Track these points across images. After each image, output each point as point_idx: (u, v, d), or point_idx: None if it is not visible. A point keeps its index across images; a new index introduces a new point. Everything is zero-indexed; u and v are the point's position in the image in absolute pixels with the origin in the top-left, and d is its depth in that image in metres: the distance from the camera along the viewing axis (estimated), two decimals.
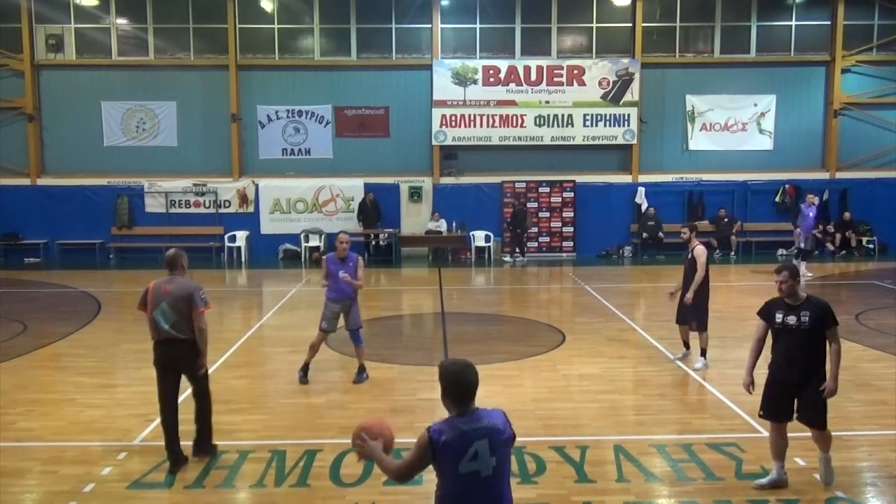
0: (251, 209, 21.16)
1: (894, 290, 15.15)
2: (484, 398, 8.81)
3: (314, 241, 20.71)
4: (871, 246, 20.87)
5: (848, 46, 21.41)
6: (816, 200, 18.82)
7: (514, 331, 12.29)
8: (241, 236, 20.84)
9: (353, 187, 21.18)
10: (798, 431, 7.31)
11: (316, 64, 21.38)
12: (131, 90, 21.27)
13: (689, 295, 9.61)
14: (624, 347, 11.01)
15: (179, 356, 6.65)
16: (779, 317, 6.08)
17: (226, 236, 20.78)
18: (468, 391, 3.84)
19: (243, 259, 20.59)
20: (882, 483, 6.21)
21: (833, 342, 5.94)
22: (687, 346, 10.13)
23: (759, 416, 6.24)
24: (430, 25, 21.23)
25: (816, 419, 5.91)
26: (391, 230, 20.86)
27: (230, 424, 7.66)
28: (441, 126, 21.22)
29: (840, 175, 21.65)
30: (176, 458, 6.54)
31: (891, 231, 20.57)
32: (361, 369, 9.34)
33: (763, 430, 7.35)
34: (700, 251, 9.68)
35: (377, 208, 20.81)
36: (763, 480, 6.09)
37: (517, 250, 20.65)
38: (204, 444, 6.82)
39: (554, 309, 14.98)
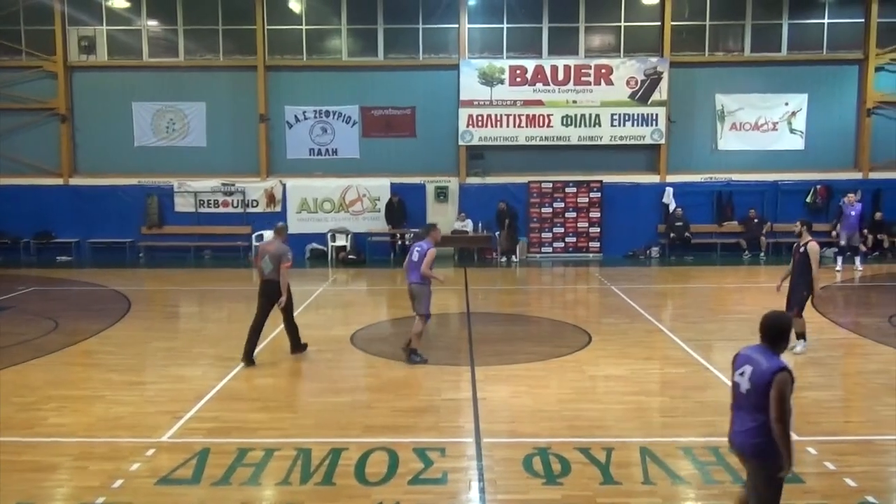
0: (278, 209, 21.32)
1: None
2: (509, 399, 8.91)
3: (341, 241, 20.81)
4: None
5: (881, 44, 21.02)
6: (857, 199, 18.52)
7: (539, 331, 12.25)
8: (269, 235, 20.95)
9: (380, 187, 21.25)
10: (827, 435, 7.22)
11: (343, 64, 21.49)
12: (161, 91, 21.54)
13: (818, 288, 10.38)
14: (651, 349, 10.93)
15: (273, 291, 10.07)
16: None
17: (253, 235, 20.95)
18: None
19: None
20: None
21: None
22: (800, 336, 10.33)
23: None
24: (456, 25, 21.23)
25: None
26: (417, 230, 20.87)
27: (256, 422, 7.73)
28: (467, 126, 21.21)
29: (873, 175, 21.27)
30: (248, 358, 9.96)
31: None
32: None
33: (793, 435, 7.25)
34: (813, 248, 10.20)
35: (403, 208, 20.86)
36: None
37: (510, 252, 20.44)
38: (296, 346, 10.44)
39: (580, 309, 14.90)
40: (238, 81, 21.50)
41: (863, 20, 21.08)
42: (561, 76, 21.09)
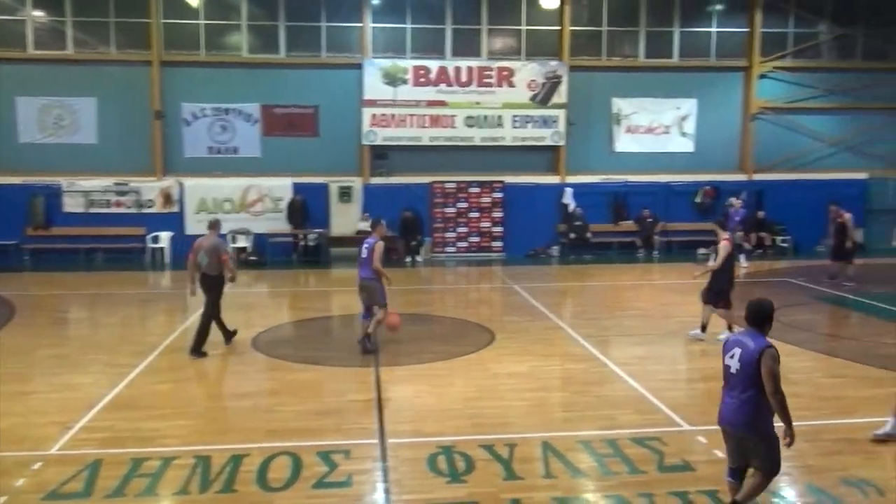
0: (175, 209, 20.62)
1: (807, 288, 15.82)
2: (413, 398, 8.94)
3: (242, 242, 20.32)
4: (785, 245, 21.75)
5: (764, 53, 22.25)
6: (741, 205, 19.48)
7: (444, 330, 12.35)
8: (165, 237, 20.28)
9: (282, 187, 20.88)
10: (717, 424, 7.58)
11: (243, 61, 20.99)
12: (48, 85, 20.42)
13: (697, 274, 11.68)
14: (551, 346, 11.20)
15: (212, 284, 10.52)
16: None
17: (148, 237, 20.20)
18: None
19: (167, 260, 20.03)
20: (795, 472, 6.49)
21: None
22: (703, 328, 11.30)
23: None
24: (360, 24, 21.10)
25: None
26: (320, 230, 20.66)
27: (152, 431, 7.47)
28: (371, 126, 21.13)
29: (756, 177, 22.50)
30: (228, 338, 10.86)
31: (803, 231, 21.43)
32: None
33: (684, 424, 7.60)
34: (724, 246, 11.08)
35: (306, 208, 20.58)
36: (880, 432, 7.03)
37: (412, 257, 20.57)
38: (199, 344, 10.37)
39: (484, 308, 15.10)
40: (132, 76, 20.64)
41: (747, 30, 22.26)
42: (464, 77, 21.31)
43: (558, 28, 21.60)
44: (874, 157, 22.86)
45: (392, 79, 21.06)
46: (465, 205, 21.42)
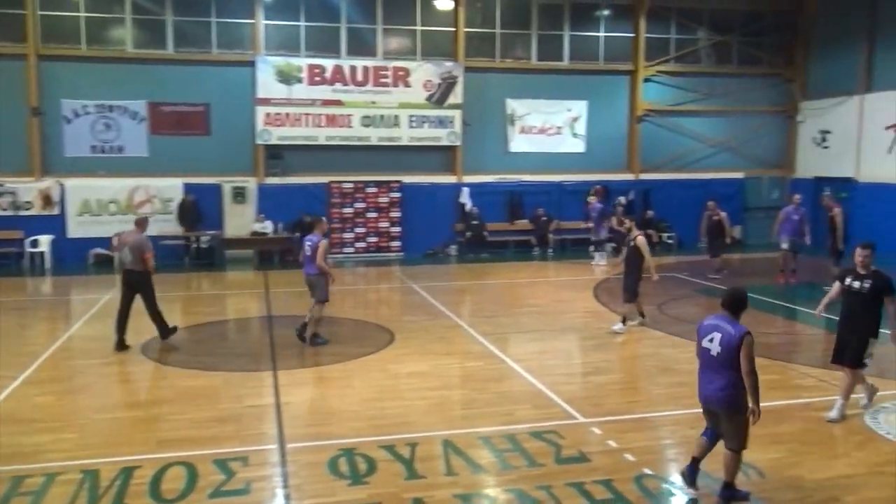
0: (56, 211, 19.54)
1: (691, 282, 16.61)
2: (313, 401, 8.82)
3: None
4: (670, 241, 22.77)
5: (649, 58, 23.23)
6: (597, 200, 20.05)
7: (343, 332, 12.24)
8: (45, 241, 19.18)
9: (171, 187, 20.14)
10: (610, 415, 7.88)
11: (128, 56, 20.11)
12: None
13: (655, 277, 11.95)
14: (451, 344, 11.31)
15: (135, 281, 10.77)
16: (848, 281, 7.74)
17: (27, 241, 19.06)
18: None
19: (47, 265, 18.96)
20: (683, 458, 6.79)
21: (891, 305, 7.45)
22: (624, 320, 11.91)
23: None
24: (252, 21, 20.63)
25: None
26: (213, 232, 20.07)
27: (34, 445, 7.07)
28: (265, 125, 20.70)
29: (643, 176, 23.45)
30: (120, 343, 10.56)
31: (687, 227, 22.46)
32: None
33: (579, 417, 7.85)
34: (641, 241, 11.68)
35: (197, 209, 19.94)
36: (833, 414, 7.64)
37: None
38: (164, 332, 10.93)
39: (383, 308, 15.09)
40: (6, 71, 19.40)
41: (633, 35, 23.16)
42: (360, 77, 21.20)
43: (453, 29, 21.82)
44: (750, 158, 24.27)
45: (286, 77, 20.71)
46: (362, 205, 21.31)
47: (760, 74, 24.09)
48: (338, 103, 21.08)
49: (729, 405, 5.69)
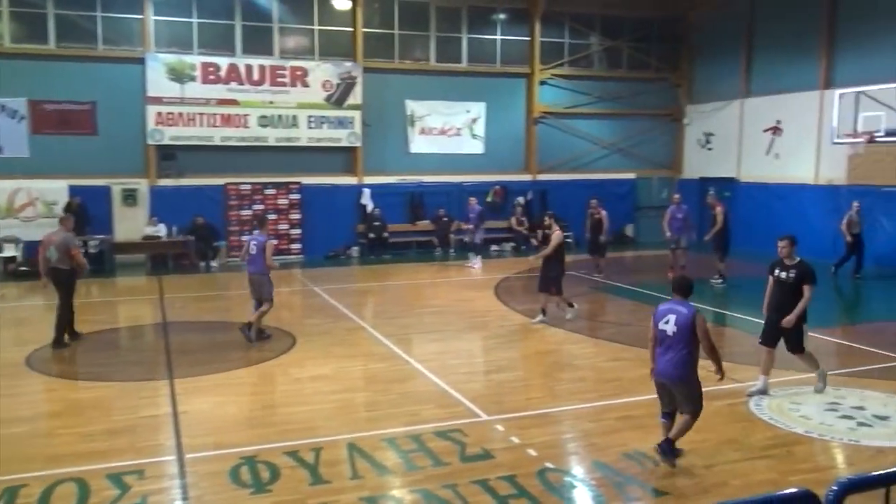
0: None
1: (588, 280, 17.13)
2: (213, 409, 8.60)
3: (10, 251, 18.36)
4: (569, 241, 23.32)
5: (544, 61, 23.80)
6: (475, 200, 20.33)
7: (242, 337, 11.94)
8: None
9: (56, 190, 19.11)
10: (512, 412, 8.03)
11: (5, 51, 18.93)
12: None
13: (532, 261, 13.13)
14: (354, 346, 11.25)
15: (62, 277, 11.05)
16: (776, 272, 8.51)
17: None
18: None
19: None
20: (583, 451, 7.03)
21: (807, 292, 8.24)
22: (544, 312, 12.46)
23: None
24: (141, 16, 19.85)
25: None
26: (102, 236, 19.18)
27: None
28: (156, 124, 19.95)
29: (541, 177, 24.01)
30: (73, 335, 11.22)
31: (582, 227, 23.16)
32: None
33: (483, 414, 7.96)
34: (557, 235, 12.38)
35: (85, 213, 18.99)
36: (753, 388, 8.47)
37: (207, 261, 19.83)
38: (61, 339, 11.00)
39: (284, 312, 14.80)
40: None
41: (528, 39, 23.68)
42: (256, 76, 20.76)
43: (351, 29, 21.69)
44: (640, 159, 25.24)
45: (178, 75, 20.04)
46: (261, 207, 20.88)
47: (649, 79, 25.10)
48: (233, 103, 20.57)
49: (679, 377, 6.40)
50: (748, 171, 22.77)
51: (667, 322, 6.46)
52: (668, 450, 6.40)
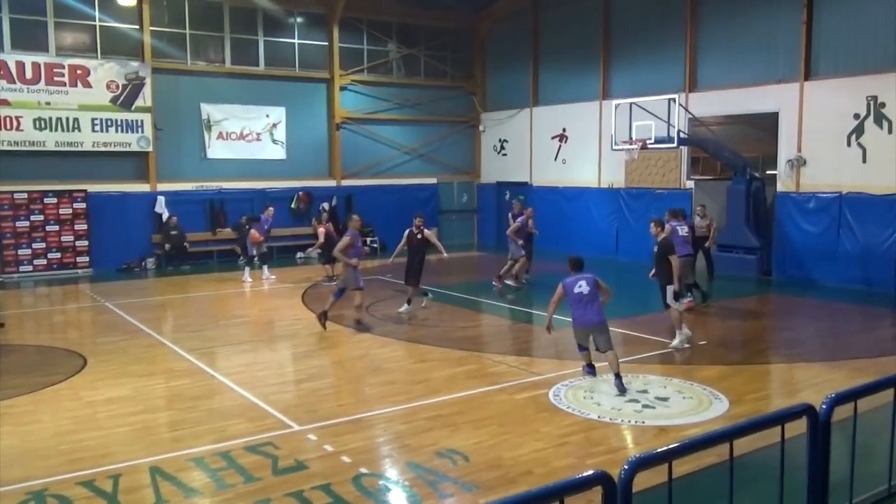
0: None
1: (393, 283, 17.35)
2: None
3: None
4: (374, 245, 23.57)
5: (344, 66, 23.83)
6: (271, 212, 19.67)
7: (23, 361, 10.89)
8: None
9: None
10: (325, 420, 7.99)
11: None
12: None
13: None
14: (153, 364, 10.63)
15: None
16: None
17: None
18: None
19: None
20: (397, 453, 7.13)
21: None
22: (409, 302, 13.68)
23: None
24: None
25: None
26: None
27: None
28: None
29: (345, 182, 24.01)
30: None
31: (387, 231, 23.42)
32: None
33: (295, 425, 7.84)
34: (429, 233, 13.87)
35: None
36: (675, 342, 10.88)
37: None
38: None
39: (71, 331, 13.69)
40: None
41: (327, 44, 23.60)
42: (29, 74, 18.95)
43: (137, 27, 20.44)
44: (441, 164, 26.02)
45: None
46: (40, 217, 19.11)
47: (446, 86, 25.94)
48: (4, 103, 18.66)
49: (600, 322, 8.80)
50: (540, 176, 24.22)
51: (580, 287, 8.74)
52: (619, 381, 8.70)
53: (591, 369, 9.15)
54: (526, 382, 9.31)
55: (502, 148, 25.87)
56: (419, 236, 13.67)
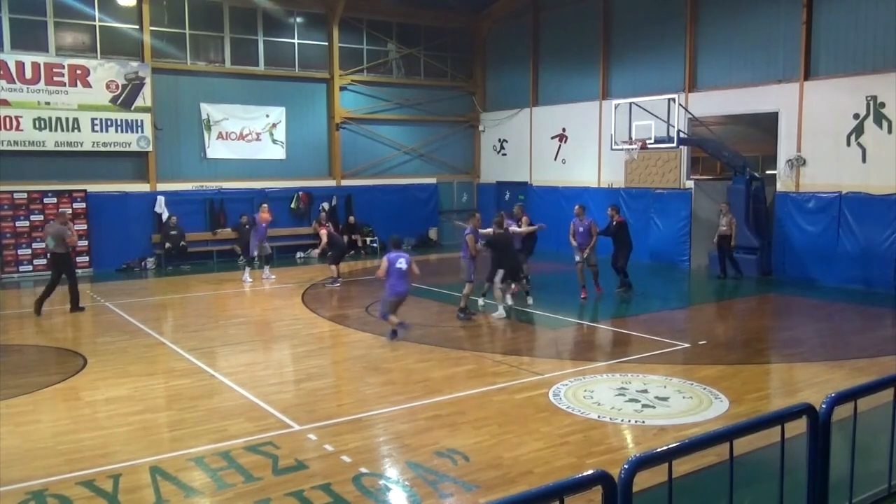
0: None
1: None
2: None
3: None
4: (374, 245, 23.58)
5: (344, 67, 23.84)
6: (267, 215, 19.65)
7: (23, 361, 10.89)
8: None
9: None
10: (325, 420, 7.99)
11: None
12: None
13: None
14: (153, 363, 10.63)
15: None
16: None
17: None
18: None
19: None
20: (396, 452, 7.13)
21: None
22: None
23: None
24: None
25: None
26: None
27: None
28: None
29: (344, 182, 24.02)
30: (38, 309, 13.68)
31: (387, 231, 23.44)
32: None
33: (295, 425, 7.85)
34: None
35: None
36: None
37: None
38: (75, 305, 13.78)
39: (71, 331, 13.67)
40: None
41: (327, 44, 23.60)
42: (29, 74, 18.96)
43: (137, 27, 20.45)
44: (441, 164, 26.03)
45: None
46: (40, 217, 19.10)
47: (446, 86, 25.95)
48: (3, 103, 18.66)
49: (408, 292, 11.62)
50: (539, 176, 24.23)
51: (400, 263, 11.12)
52: (395, 334, 11.34)
53: (394, 335, 11.34)
54: (526, 382, 9.31)
55: (502, 148, 25.88)
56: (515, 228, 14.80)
